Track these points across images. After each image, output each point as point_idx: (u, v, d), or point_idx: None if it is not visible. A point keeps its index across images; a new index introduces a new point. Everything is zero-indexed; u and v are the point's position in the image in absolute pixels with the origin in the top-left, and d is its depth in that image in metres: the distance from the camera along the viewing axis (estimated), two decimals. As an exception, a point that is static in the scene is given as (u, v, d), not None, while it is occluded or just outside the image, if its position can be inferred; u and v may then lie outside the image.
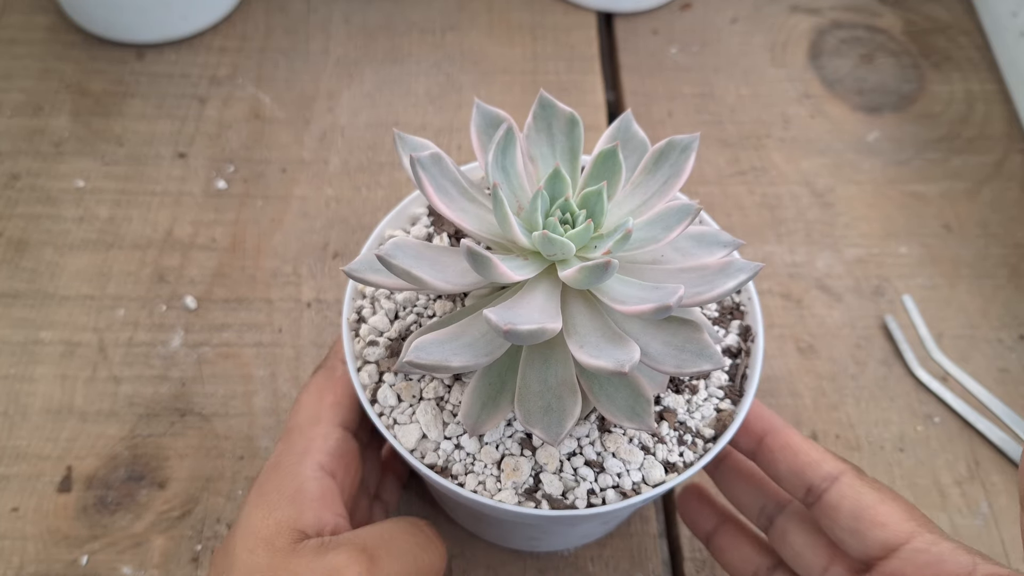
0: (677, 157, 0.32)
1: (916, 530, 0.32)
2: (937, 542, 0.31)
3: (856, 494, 0.33)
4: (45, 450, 0.47)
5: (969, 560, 0.31)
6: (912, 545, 0.32)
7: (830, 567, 0.34)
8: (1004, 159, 0.60)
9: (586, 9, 0.67)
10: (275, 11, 0.66)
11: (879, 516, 0.32)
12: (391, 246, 0.29)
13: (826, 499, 0.34)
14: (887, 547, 0.32)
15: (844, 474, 0.34)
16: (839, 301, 0.53)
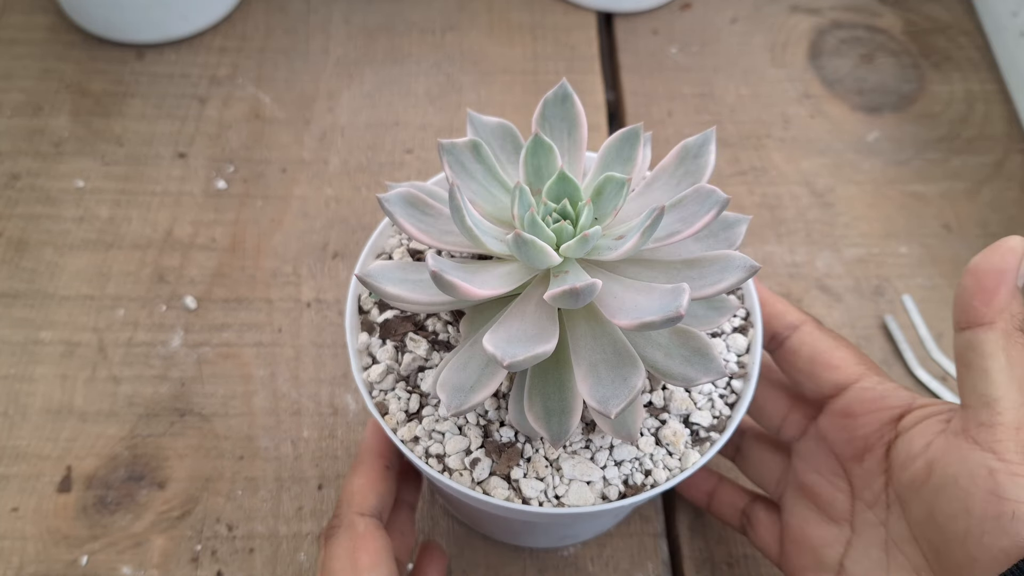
0: (693, 159, 0.32)
1: (864, 372, 0.36)
2: (882, 382, 0.35)
3: (813, 341, 0.37)
4: (45, 450, 0.47)
5: (908, 396, 0.35)
6: (860, 384, 0.35)
7: (789, 414, 0.39)
8: (1004, 159, 0.60)
9: (586, 9, 0.67)
10: (275, 11, 0.66)
11: (832, 360, 0.36)
12: (375, 270, 0.30)
13: (787, 345, 0.37)
14: (837, 387, 0.36)
15: (805, 323, 0.37)
16: (839, 301, 0.53)
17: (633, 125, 0.32)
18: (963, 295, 0.31)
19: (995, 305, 0.30)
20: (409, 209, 0.31)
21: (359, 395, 0.49)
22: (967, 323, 0.31)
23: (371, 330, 0.36)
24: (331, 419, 0.48)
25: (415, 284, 0.30)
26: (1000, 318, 0.30)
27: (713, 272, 0.29)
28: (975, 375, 0.30)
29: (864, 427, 0.35)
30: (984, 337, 0.30)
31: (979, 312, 0.30)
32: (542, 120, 0.33)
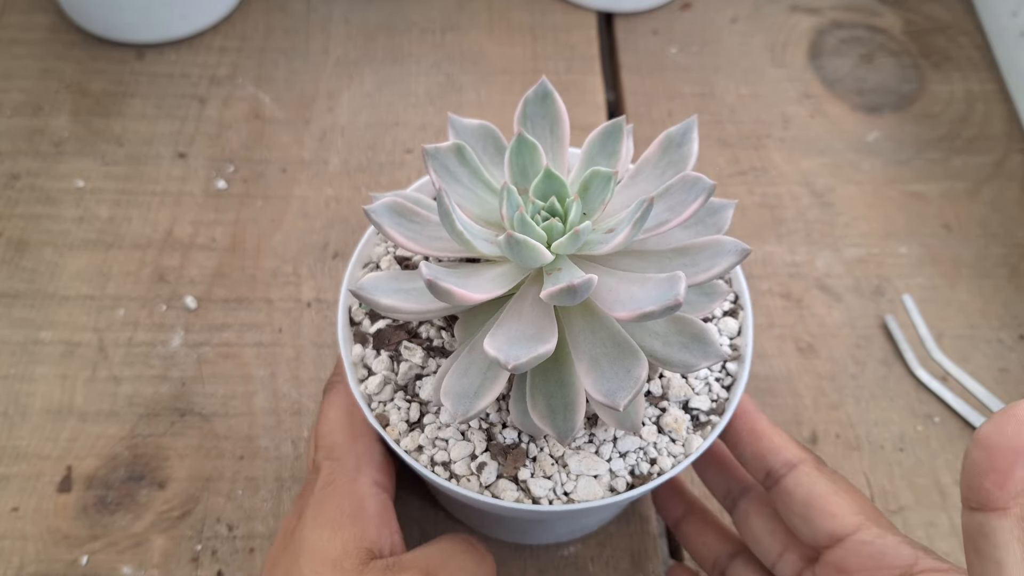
0: (676, 148, 0.32)
1: (863, 523, 0.33)
2: (882, 535, 0.32)
3: (811, 483, 0.34)
4: (45, 450, 0.47)
5: (911, 554, 0.32)
6: (858, 536, 0.33)
7: (785, 553, 0.36)
8: (1004, 159, 0.60)
9: (586, 9, 0.67)
10: (275, 11, 0.66)
11: (829, 506, 0.33)
12: (367, 282, 0.30)
13: (783, 484, 0.35)
14: (834, 536, 0.33)
15: (803, 463, 0.35)
16: (839, 301, 0.53)
17: (615, 119, 0.32)
18: (973, 471, 0.28)
19: (1009, 488, 0.27)
20: (396, 218, 0.31)
21: (359, 395, 0.49)
22: (977, 505, 0.28)
23: (364, 341, 0.36)
24: (331, 419, 0.48)
25: (408, 293, 0.30)
26: (1015, 503, 0.27)
27: (705, 258, 0.29)
28: (987, 565, 0.28)
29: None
30: (997, 525, 0.27)
31: (991, 495, 0.27)
32: (524, 119, 0.33)
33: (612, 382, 0.28)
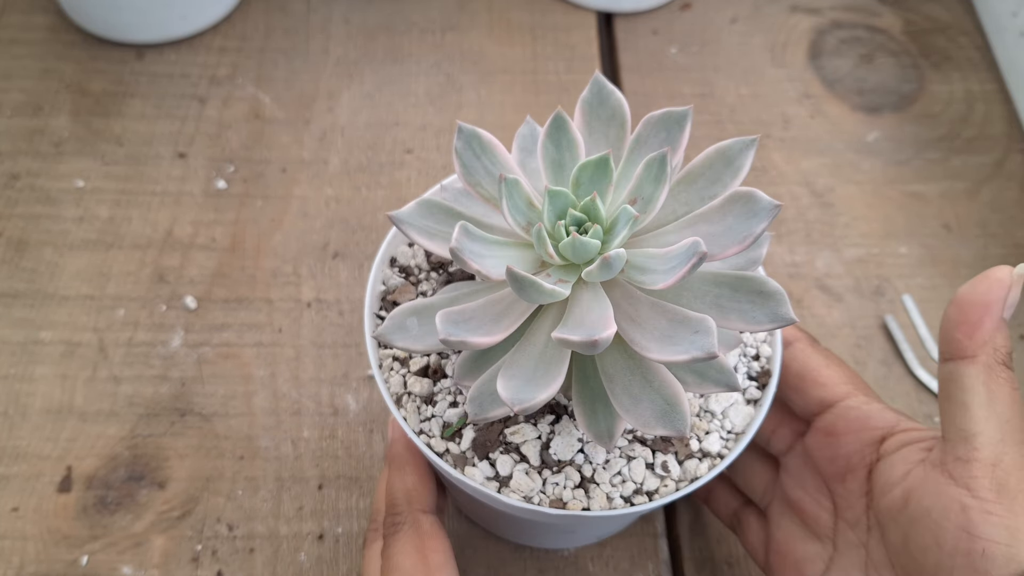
0: (671, 128, 0.30)
1: (851, 391, 0.36)
2: (868, 402, 0.35)
3: (804, 357, 0.37)
4: (45, 450, 0.47)
5: (893, 417, 0.34)
6: (845, 403, 0.35)
7: (777, 429, 0.39)
8: (1004, 159, 0.60)
9: (586, 9, 0.67)
10: (275, 11, 0.66)
11: (820, 377, 0.36)
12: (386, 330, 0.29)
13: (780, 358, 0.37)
14: (823, 404, 0.36)
15: (798, 340, 0.37)
16: (839, 301, 0.53)
17: (673, 111, 0.30)
18: (947, 326, 0.31)
19: (978, 338, 0.30)
20: (424, 220, 0.30)
21: (359, 395, 0.49)
22: (950, 355, 0.31)
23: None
24: (331, 419, 0.48)
25: (416, 337, 0.30)
26: (982, 351, 0.30)
27: (748, 305, 0.27)
28: (955, 408, 0.30)
29: (846, 446, 0.35)
30: (965, 371, 0.30)
31: (962, 345, 0.30)
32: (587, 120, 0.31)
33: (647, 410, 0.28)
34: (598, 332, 0.25)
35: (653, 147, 0.30)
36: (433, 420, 0.34)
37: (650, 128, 0.30)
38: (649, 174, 0.27)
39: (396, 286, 0.37)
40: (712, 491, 0.43)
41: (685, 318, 0.27)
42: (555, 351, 0.28)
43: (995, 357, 0.30)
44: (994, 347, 0.30)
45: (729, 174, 0.30)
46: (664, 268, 0.26)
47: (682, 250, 0.25)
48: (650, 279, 0.26)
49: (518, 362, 0.28)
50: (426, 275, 0.38)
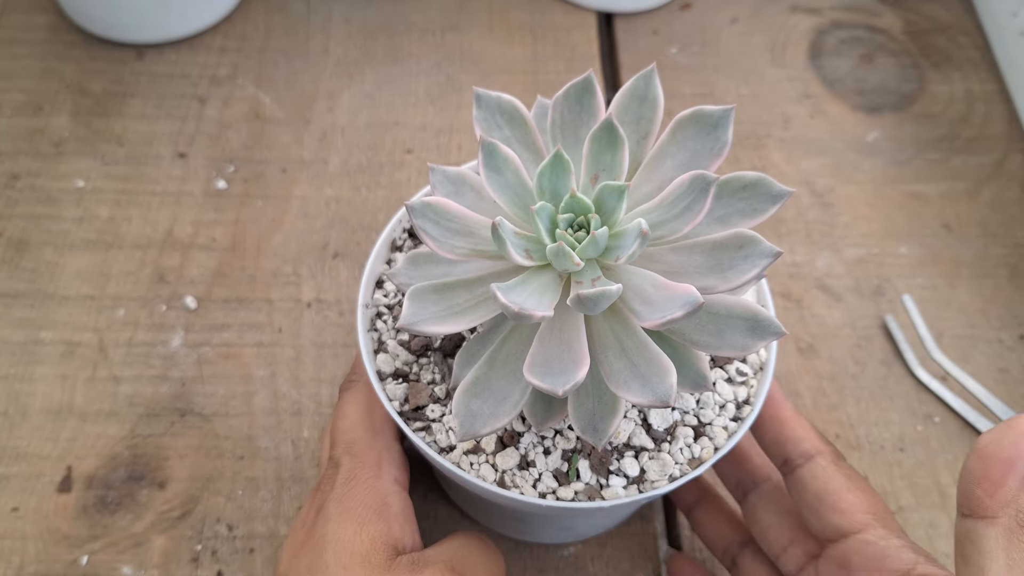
0: (710, 131, 0.30)
1: (871, 523, 0.33)
2: (887, 537, 0.33)
3: (826, 476, 0.34)
4: (45, 450, 0.47)
5: (911, 559, 0.32)
6: (862, 536, 0.33)
7: (789, 547, 0.36)
8: (1004, 159, 0.60)
9: (586, 9, 0.67)
10: (275, 11, 0.66)
11: (840, 503, 0.34)
12: (410, 314, 0.29)
13: (798, 474, 0.35)
14: (840, 532, 0.34)
15: (821, 455, 0.35)
16: (839, 301, 0.53)
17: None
18: (967, 480, 0.29)
19: (999, 498, 0.28)
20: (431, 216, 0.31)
21: (359, 395, 0.49)
22: (969, 511, 0.29)
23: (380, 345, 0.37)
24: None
25: (448, 316, 0.30)
26: (1004, 513, 0.28)
27: (737, 259, 0.28)
28: (972, 572, 0.28)
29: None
30: (985, 532, 0.28)
31: (982, 503, 0.28)
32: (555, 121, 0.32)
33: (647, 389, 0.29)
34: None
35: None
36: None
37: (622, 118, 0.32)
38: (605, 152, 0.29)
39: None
40: (695, 510, 0.43)
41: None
42: (574, 331, 0.29)
43: (1017, 519, 0.28)
44: (1017, 508, 0.28)
45: (710, 140, 0.30)
46: (656, 310, 0.27)
47: (679, 299, 0.26)
48: (646, 311, 0.27)
49: (544, 346, 0.29)
50: None
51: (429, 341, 0.36)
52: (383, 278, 0.39)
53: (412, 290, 0.29)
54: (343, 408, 0.38)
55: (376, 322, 0.38)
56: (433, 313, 0.29)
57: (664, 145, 0.31)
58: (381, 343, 0.37)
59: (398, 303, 0.38)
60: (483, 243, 0.30)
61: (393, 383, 0.36)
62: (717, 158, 0.30)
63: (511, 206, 0.30)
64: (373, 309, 0.38)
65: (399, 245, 0.40)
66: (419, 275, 0.33)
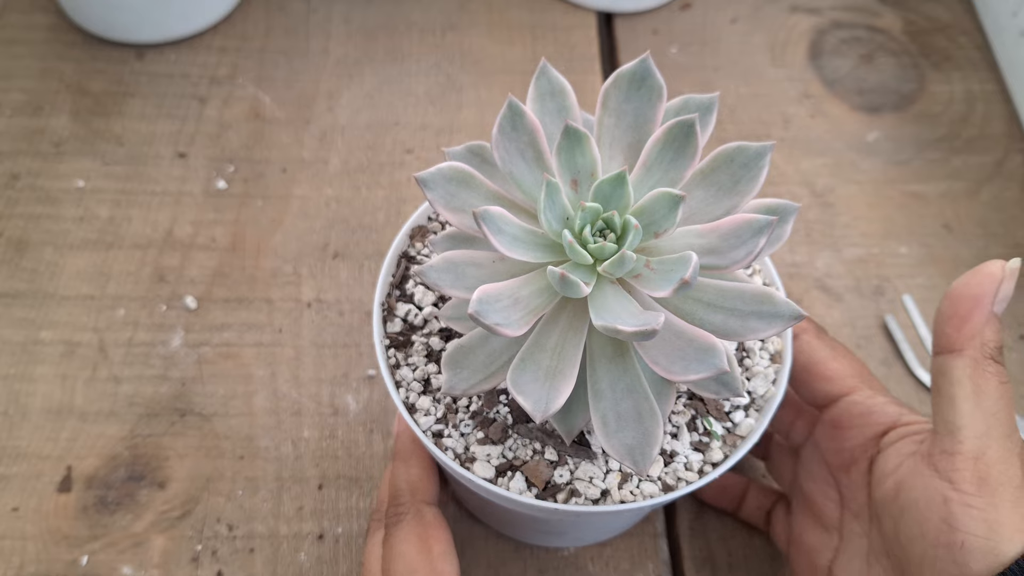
0: (747, 165, 0.30)
1: (857, 385, 0.36)
2: (872, 396, 0.36)
3: (811, 350, 0.37)
4: (45, 450, 0.47)
5: (895, 411, 0.35)
6: (850, 397, 0.36)
7: (795, 420, 0.40)
8: (1004, 159, 0.60)
9: (586, 9, 0.67)
10: (275, 11, 0.66)
11: (826, 371, 0.37)
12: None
13: None
14: (829, 398, 0.37)
15: (805, 332, 0.37)
16: (839, 301, 0.53)
17: (685, 118, 0.30)
18: (939, 320, 0.31)
19: (966, 332, 0.30)
20: (450, 186, 0.31)
21: (359, 395, 0.49)
22: (940, 348, 0.31)
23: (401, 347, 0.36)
24: (331, 419, 0.48)
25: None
26: (970, 345, 0.30)
27: (756, 320, 0.29)
28: (943, 402, 0.31)
29: (851, 440, 0.36)
30: (953, 364, 0.30)
31: (951, 338, 0.31)
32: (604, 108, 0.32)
33: (632, 435, 0.29)
34: (653, 322, 0.26)
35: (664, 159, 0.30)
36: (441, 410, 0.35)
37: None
38: (662, 201, 0.28)
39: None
40: (744, 498, 0.44)
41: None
42: (572, 349, 0.29)
43: (983, 351, 0.30)
44: (982, 341, 0.30)
45: (745, 178, 0.30)
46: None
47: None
48: (659, 283, 0.27)
49: (533, 357, 0.29)
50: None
51: None
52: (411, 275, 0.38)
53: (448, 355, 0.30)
54: (397, 549, 0.35)
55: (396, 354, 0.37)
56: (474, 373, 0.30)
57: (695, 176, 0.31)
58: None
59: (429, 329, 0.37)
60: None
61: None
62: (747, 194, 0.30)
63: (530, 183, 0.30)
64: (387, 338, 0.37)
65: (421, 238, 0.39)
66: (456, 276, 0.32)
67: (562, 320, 0.30)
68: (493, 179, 0.31)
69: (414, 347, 0.36)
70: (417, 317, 0.37)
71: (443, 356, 0.32)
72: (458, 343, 0.32)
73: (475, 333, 0.31)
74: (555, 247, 0.29)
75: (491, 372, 0.31)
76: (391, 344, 0.37)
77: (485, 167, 0.32)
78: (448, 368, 0.31)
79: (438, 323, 0.37)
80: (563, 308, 0.30)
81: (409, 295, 0.38)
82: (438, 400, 0.35)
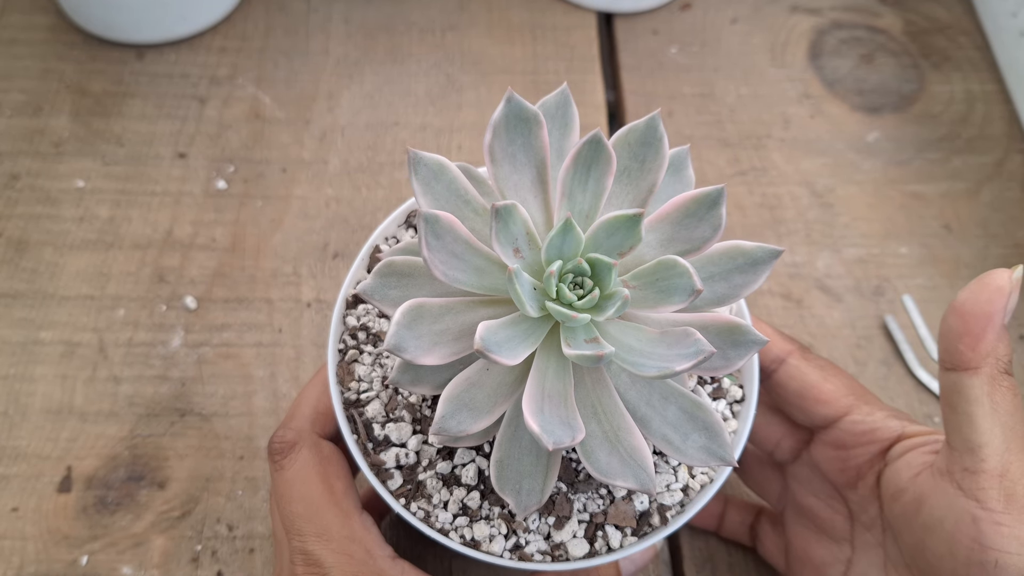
0: (705, 212, 0.28)
1: (854, 404, 0.36)
2: (872, 412, 0.36)
3: (800, 375, 0.36)
4: (45, 450, 0.47)
5: (898, 424, 0.35)
6: (850, 418, 0.36)
7: (781, 440, 0.39)
8: (1004, 159, 0.60)
9: (586, 9, 0.67)
10: (275, 11, 0.66)
11: (821, 394, 0.36)
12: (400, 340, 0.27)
13: (775, 379, 0.37)
14: (827, 420, 0.36)
15: (790, 355, 0.37)
16: (839, 301, 0.53)
17: (709, 191, 0.28)
18: (949, 336, 0.31)
19: (981, 350, 0.30)
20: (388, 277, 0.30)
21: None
22: (952, 365, 0.31)
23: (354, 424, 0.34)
24: (331, 419, 0.48)
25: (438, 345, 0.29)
26: (985, 363, 0.30)
27: (723, 346, 0.28)
28: (960, 419, 0.30)
29: (855, 458, 0.36)
30: (969, 382, 0.30)
31: (965, 356, 0.30)
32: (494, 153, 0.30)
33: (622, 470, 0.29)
34: (704, 348, 0.25)
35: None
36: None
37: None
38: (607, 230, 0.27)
39: None
40: (724, 516, 0.44)
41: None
42: (611, 404, 0.29)
43: (997, 367, 0.30)
44: (996, 357, 0.30)
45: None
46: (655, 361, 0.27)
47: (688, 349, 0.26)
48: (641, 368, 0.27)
49: (591, 431, 0.28)
50: None
51: None
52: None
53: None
54: (292, 487, 0.34)
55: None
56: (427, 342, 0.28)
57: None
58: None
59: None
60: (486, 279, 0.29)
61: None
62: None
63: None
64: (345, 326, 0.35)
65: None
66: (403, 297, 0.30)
67: (585, 383, 0.29)
68: (417, 282, 0.30)
69: (428, 486, 0.33)
70: (408, 456, 0.34)
71: (493, 482, 0.30)
72: (496, 461, 0.30)
73: (503, 445, 0.30)
74: (538, 323, 0.28)
75: (547, 468, 0.30)
76: (407, 500, 0.33)
77: (402, 279, 0.30)
78: (508, 492, 0.30)
79: (433, 448, 0.34)
80: (581, 375, 0.29)
81: (383, 439, 0.34)
82: (490, 518, 0.33)
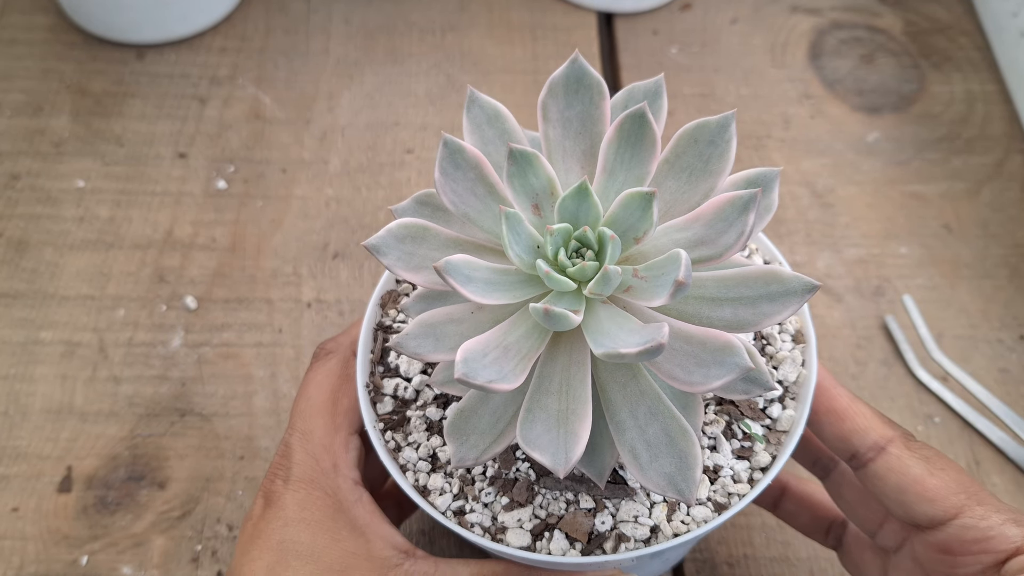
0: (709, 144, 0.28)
1: (965, 504, 0.31)
2: (986, 516, 0.31)
3: (902, 467, 0.32)
4: (45, 450, 0.47)
5: (1017, 533, 0.30)
6: (960, 521, 0.31)
7: (885, 524, 0.35)
8: (1004, 159, 0.60)
9: (586, 9, 0.67)
10: (275, 11, 0.66)
11: (926, 491, 0.31)
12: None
13: (872, 469, 0.33)
14: (935, 521, 0.31)
15: (891, 443, 0.32)
16: (839, 301, 0.53)
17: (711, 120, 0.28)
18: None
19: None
20: (403, 244, 0.29)
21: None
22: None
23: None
24: (331, 419, 0.48)
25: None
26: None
27: (764, 302, 0.26)
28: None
29: (965, 567, 0.31)
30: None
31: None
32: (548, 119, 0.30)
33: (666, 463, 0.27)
34: (657, 336, 0.23)
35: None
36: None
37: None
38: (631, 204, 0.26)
39: None
40: (780, 502, 0.41)
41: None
42: (579, 385, 0.27)
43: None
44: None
45: (715, 156, 0.28)
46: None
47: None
48: (648, 292, 0.26)
49: (540, 405, 0.27)
50: None
51: None
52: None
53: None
54: (308, 386, 0.35)
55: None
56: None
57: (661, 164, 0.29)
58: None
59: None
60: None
61: None
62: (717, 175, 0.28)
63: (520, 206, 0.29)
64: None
65: None
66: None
67: (560, 356, 0.27)
68: (450, 225, 0.29)
69: (411, 423, 0.34)
70: (407, 390, 0.34)
71: (444, 426, 0.29)
72: (457, 408, 0.29)
73: (472, 393, 0.29)
74: (532, 281, 0.27)
75: (500, 432, 0.29)
76: (385, 427, 0.34)
77: (439, 215, 0.30)
78: (452, 438, 0.29)
79: (432, 391, 0.34)
80: (558, 343, 0.28)
81: (394, 368, 0.35)
82: (450, 475, 0.32)
